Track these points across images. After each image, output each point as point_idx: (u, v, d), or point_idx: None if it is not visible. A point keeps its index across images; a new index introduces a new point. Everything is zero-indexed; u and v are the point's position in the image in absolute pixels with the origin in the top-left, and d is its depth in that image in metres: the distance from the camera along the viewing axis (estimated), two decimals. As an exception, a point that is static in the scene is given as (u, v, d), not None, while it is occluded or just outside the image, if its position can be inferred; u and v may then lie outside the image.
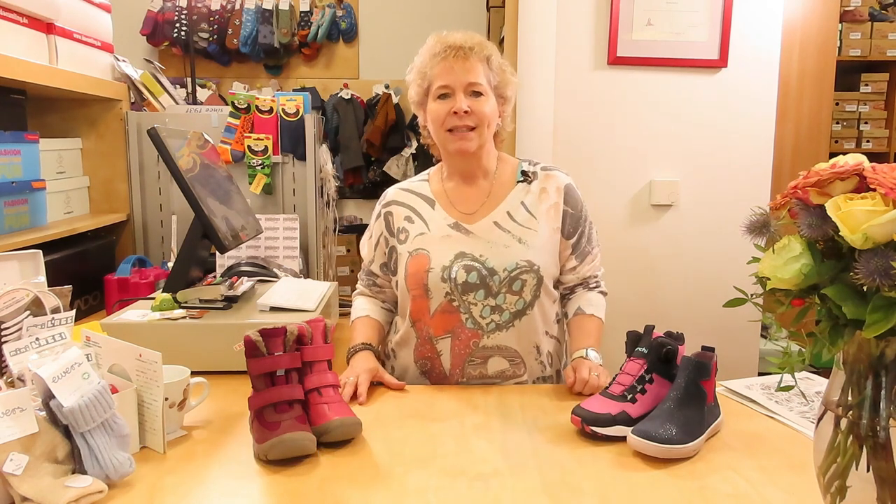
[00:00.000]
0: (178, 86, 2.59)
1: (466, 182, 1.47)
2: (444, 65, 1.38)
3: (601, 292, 1.51)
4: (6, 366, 1.01)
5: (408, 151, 4.16)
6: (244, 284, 1.58)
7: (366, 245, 1.54)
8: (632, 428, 1.05)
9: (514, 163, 1.51)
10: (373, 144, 4.07)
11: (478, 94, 1.39)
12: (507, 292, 1.38)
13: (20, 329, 1.09)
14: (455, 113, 1.37)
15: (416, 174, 1.65)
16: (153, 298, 1.47)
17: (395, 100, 4.13)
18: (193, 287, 1.48)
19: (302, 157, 2.11)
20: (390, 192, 1.53)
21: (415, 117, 4.62)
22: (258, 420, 1.03)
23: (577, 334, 1.44)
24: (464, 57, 1.37)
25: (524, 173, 1.48)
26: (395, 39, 4.23)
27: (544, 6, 2.08)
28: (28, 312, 1.12)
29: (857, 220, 0.66)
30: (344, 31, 4.23)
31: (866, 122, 3.92)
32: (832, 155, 0.97)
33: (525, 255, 1.39)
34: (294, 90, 4.06)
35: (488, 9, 3.72)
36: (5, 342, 1.06)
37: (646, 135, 2.11)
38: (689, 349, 1.16)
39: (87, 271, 1.87)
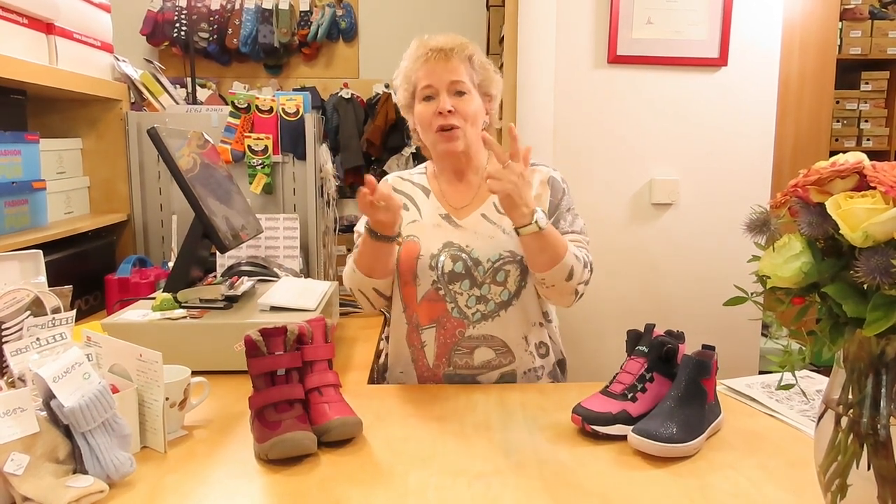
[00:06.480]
0: (178, 86, 2.58)
1: (457, 179, 1.51)
2: (427, 67, 1.42)
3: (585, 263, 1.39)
4: (7, 366, 1.02)
5: (408, 151, 4.15)
6: (244, 284, 1.58)
7: (363, 223, 1.52)
8: (632, 427, 1.05)
9: None
10: (373, 144, 4.06)
11: (461, 93, 1.41)
12: (492, 283, 1.39)
13: (21, 329, 1.09)
14: (440, 113, 1.39)
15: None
16: (154, 298, 1.47)
17: (395, 99, 4.11)
18: (194, 287, 1.48)
19: (302, 157, 2.10)
20: (390, 179, 1.56)
21: (413, 118, 4.58)
22: (259, 420, 1.03)
23: None
24: (445, 58, 1.41)
25: None
26: (395, 39, 4.19)
27: (544, 5, 2.07)
28: (29, 312, 1.12)
29: (858, 218, 0.66)
30: (344, 31, 4.22)
31: (866, 121, 3.91)
32: (832, 153, 0.97)
33: (508, 246, 1.39)
34: (294, 90, 4.05)
35: (488, 8, 3.72)
36: (6, 342, 1.06)
37: (646, 133, 2.11)
38: (689, 348, 1.16)
39: (88, 271, 1.87)
